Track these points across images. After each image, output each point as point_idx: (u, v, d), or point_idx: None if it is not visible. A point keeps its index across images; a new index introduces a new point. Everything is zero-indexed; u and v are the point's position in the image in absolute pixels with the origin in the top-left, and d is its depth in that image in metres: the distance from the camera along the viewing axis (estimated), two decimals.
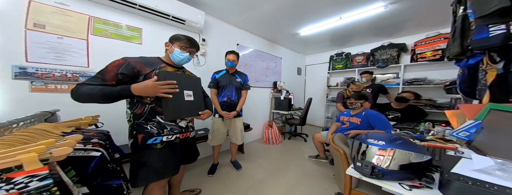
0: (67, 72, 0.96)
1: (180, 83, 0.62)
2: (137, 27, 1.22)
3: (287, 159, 1.74)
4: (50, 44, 0.91)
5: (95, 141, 0.53)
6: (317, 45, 2.83)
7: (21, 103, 0.83)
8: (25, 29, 0.84)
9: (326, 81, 3.05)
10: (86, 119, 0.67)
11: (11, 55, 0.81)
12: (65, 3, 0.94)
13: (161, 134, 0.65)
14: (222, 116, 1.29)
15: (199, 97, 0.73)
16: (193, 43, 0.71)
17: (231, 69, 1.34)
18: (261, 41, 2.38)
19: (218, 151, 1.43)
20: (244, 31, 2.11)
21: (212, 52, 1.74)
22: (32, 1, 0.85)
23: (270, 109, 2.59)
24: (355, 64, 2.67)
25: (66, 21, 0.95)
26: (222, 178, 1.32)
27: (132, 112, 0.63)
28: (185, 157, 0.77)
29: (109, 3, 1.04)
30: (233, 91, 1.33)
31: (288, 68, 3.00)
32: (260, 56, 2.39)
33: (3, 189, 0.29)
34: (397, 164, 0.52)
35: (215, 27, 1.75)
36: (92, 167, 0.45)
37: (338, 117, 1.45)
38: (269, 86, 2.58)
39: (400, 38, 2.27)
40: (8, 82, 0.81)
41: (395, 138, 0.59)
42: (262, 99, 2.48)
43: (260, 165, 1.57)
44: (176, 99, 0.61)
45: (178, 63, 0.72)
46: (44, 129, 0.48)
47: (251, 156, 1.79)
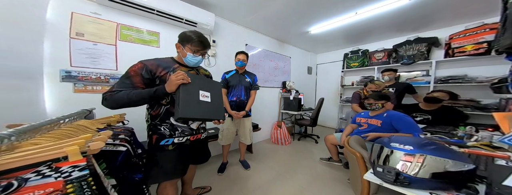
0: (100, 75, 1.08)
1: (196, 82, 0.61)
2: (155, 32, 1.32)
3: (296, 161, 1.69)
4: (87, 50, 1.04)
5: (122, 137, 0.57)
6: (329, 43, 2.70)
7: (66, 102, 0.96)
8: (69, 37, 0.97)
9: (339, 80, 2.88)
10: (115, 117, 0.75)
11: (59, 60, 0.95)
12: (98, 13, 1.06)
13: (173, 135, 0.66)
14: (231, 116, 1.31)
15: (218, 101, 0.68)
16: (204, 45, 0.68)
17: (240, 69, 1.36)
18: (269, 41, 2.36)
19: (227, 150, 1.46)
20: (253, 31, 2.12)
21: (222, 53, 1.76)
22: (74, 12, 0.99)
23: (279, 109, 2.55)
24: (374, 61, 2.46)
25: (99, 29, 1.07)
26: (231, 177, 1.33)
27: (149, 112, 0.66)
28: (196, 157, 0.79)
29: (132, 10, 1.15)
30: (243, 91, 1.34)
31: (297, 67, 2.93)
32: (269, 56, 2.37)
33: (52, 177, 0.33)
34: (428, 172, 0.46)
35: (225, 29, 1.79)
36: (119, 160, 0.49)
37: (354, 118, 1.34)
38: (278, 86, 2.55)
39: (429, 32, 2.01)
40: (57, 84, 0.95)
41: (427, 142, 0.52)
42: (271, 99, 2.45)
43: (269, 166, 1.56)
44: (188, 95, 0.58)
45: (191, 65, 0.73)
46: (84, 125, 0.55)
47: (259, 156, 1.79)
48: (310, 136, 2.42)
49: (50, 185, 0.32)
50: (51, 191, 0.32)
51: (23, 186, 0.30)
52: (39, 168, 0.32)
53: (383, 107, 1.18)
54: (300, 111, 2.32)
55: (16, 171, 0.30)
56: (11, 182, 0.29)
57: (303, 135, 2.46)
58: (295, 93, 2.42)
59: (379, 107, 1.17)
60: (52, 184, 0.32)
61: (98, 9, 1.05)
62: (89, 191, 0.35)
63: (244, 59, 1.32)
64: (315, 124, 2.25)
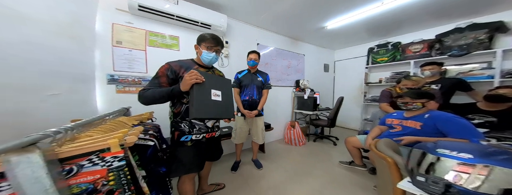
0: (134, 77, 1.22)
1: (208, 81, 0.62)
2: (176, 36, 1.44)
3: (311, 162, 1.60)
4: (125, 56, 1.18)
5: (151, 133, 0.61)
6: (349, 38, 2.46)
7: (111, 101, 1.12)
8: (111, 46, 1.13)
9: (363, 77, 2.58)
10: (146, 115, 0.85)
11: (105, 66, 1.11)
12: (131, 22, 1.19)
13: (191, 132, 0.70)
14: (244, 115, 1.32)
15: (228, 99, 0.70)
16: (217, 41, 0.73)
17: (252, 68, 1.36)
18: (281, 39, 2.30)
19: (240, 149, 1.49)
20: (264, 30, 2.10)
21: (234, 54, 1.78)
22: (114, 23, 1.13)
23: (292, 109, 2.46)
24: (409, 55, 2.10)
25: (132, 36, 1.20)
26: (244, 175, 1.35)
27: (172, 110, 0.71)
28: (210, 154, 0.83)
29: (156, 17, 1.24)
30: (255, 90, 1.35)
31: (312, 65, 2.77)
32: (281, 54, 2.31)
33: (99, 165, 0.38)
34: (496, 187, 0.36)
35: (237, 29, 1.81)
36: (148, 154, 0.55)
37: (383, 119, 1.18)
38: (291, 85, 2.46)
39: (488, 16, 1.59)
40: (104, 86, 1.11)
41: (495, 151, 0.41)
42: (284, 98, 2.38)
43: (282, 166, 1.52)
44: (201, 95, 0.60)
45: (208, 64, 0.77)
46: (123, 121, 0.65)
47: (272, 156, 1.76)
48: (327, 138, 2.27)
49: (98, 172, 0.38)
50: (98, 178, 0.38)
51: (80, 172, 0.37)
52: (91, 156, 0.39)
53: (423, 107, 0.98)
54: (315, 111, 2.19)
55: (75, 158, 0.38)
56: (72, 167, 0.36)
57: (320, 136, 2.32)
58: (310, 92, 2.28)
59: (418, 107, 0.98)
60: (99, 171, 0.39)
61: (131, 19, 1.20)
62: (125, 180, 0.41)
63: (255, 58, 1.31)
64: (334, 125, 2.09)
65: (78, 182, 0.36)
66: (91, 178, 0.37)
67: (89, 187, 0.37)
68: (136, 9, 1.13)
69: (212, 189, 1.08)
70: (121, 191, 0.40)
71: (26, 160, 0.30)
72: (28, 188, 0.29)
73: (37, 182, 0.30)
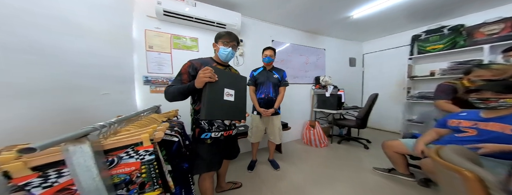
0: (163, 78, 1.34)
1: (221, 79, 0.59)
2: (195, 37, 1.52)
3: (336, 166, 1.45)
4: (155, 59, 1.30)
5: (176, 129, 0.65)
6: (382, 27, 2.08)
7: (146, 100, 1.24)
8: (145, 50, 1.27)
9: (405, 70, 2.12)
10: (172, 112, 0.94)
11: (141, 69, 1.24)
12: (159, 27, 1.30)
13: (210, 130, 0.72)
14: (260, 113, 1.29)
15: (241, 99, 0.66)
16: (232, 36, 0.74)
17: (268, 65, 1.32)
18: (298, 34, 2.14)
19: (256, 148, 1.47)
20: (279, 26, 2.00)
21: (249, 52, 1.76)
22: (146, 29, 1.26)
23: (312, 108, 2.28)
24: (480, 39, 1.59)
25: (161, 40, 1.31)
26: (261, 176, 1.33)
27: (193, 108, 0.73)
28: (228, 152, 0.84)
29: (178, 20, 1.31)
30: (271, 88, 1.29)
31: (334, 59, 2.50)
32: (298, 50, 2.15)
33: (134, 158, 0.42)
34: None
35: (251, 27, 1.78)
36: (173, 149, 0.59)
37: (444, 120, 0.92)
38: (309, 82, 2.28)
39: None
40: (141, 87, 1.25)
41: None
42: (301, 96, 2.23)
43: (300, 168, 1.43)
44: (213, 95, 0.57)
45: (224, 60, 0.77)
46: (154, 117, 0.73)
47: (289, 157, 1.69)
48: (356, 140, 2.00)
49: (133, 164, 0.42)
50: (133, 170, 0.42)
51: (119, 163, 0.41)
52: (128, 149, 0.43)
53: None
54: (340, 110, 1.96)
55: (116, 150, 0.42)
56: (113, 158, 0.41)
57: (346, 138, 2.07)
58: (333, 89, 2.03)
59: (507, 104, 0.70)
60: (134, 163, 0.42)
61: (158, 24, 1.33)
62: (154, 173, 0.44)
63: (271, 54, 1.26)
64: (364, 125, 1.81)
65: (118, 173, 0.41)
66: (128, 170, 0.41)
67: (126, 178, 0.41)
68: (161, 14, 1.23)
69: (230, 187, 1.10)
70: (151, 184, 0.43)
71: (80, 150, 0.34)
72: (82, 175, 0.34)
73: (88, 171, 0.34)
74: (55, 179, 0.34)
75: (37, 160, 0.32)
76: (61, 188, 0.34)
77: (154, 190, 0.43)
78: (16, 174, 0.30)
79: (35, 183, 0.31)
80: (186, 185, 0.65)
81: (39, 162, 0.33)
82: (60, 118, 0.55)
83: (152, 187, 0.43)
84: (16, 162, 0.30)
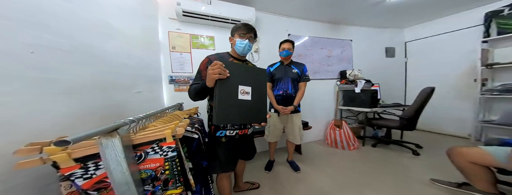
0: (185, 77, 1.41)
1: (235, 75, 0.49)
2: (211, 36, 1.54)
3: (371, 172, 1.24)
4: (178, 59, 1.37)
5: (196, 126, 0.66)
6: (430, 9, 1.65)
7: (172, 98, 1.32)
8: (169, 51, 1.35)
9: (477, 57, 1.60)
10: (193, 110, 0.97)
11: (167, 69, 1.33)
12: (180, 28, 1.37)
13: (225, 128, 0.70)
14: (278, 111, 1.21)
15: (260, 98, 0.54)
16: (249, 28, 0.70)
17: (286, 59, 1.22)
18: (318, 26, 1.94)
19: (274, 147, 1.40)
20: (296, 19, 1.85)
21: (264, 47, 1.70)
22: (170, 31, 1.34)
23: (336, 106, 2.02)
24: None
25: (182, 41, 1.39)
26: (279, 177, 1.26)
27: (209, 104, 0.72)
28: (243, 152, 0.80)
29: (196, 20, 1.35)
30: (289, 84, 1.20)
31: (365, 51, 2.18)
32: (318, 43, 1.96)
33: (158, 154, 0.42)
34: None
35: (265, 22, 1.72)
36: (194, 146, 0.59)
37: None
38: (333, 77, 2.05)
39: None
40: (167, 86, 1.33)
41: None
42: (323, 93, 2.03)
43: (325, 172, 1.29)
44: (225, 95, 0.47)
45: (241, 53, 0.72)
46: (177, 114, 0.76)
47: (310, 158, 1.55)
48: (399, 144, 1.66)
49: (158, 160, 0.42)
50: (158, 166, 0.42)
51: (146, 158, 0.42)
52: (153, 145, 0.44)
53: None
54: (375, 108, 1.67)
55: (143, 145, 0.43)
56: (141, 153, 0.42)
57: (384, 141, 1.75)
58: (365, 83, 1.75)
59: None
60: (158, 160, 0.42)
61: (179, 26, 1.40)
62: (176, 171, 0.43)
63: (289, 47, 1.17)
64: (413, 127, 1.47)
65: (145, 168, 0.41)
66: (153, 166, 0.42)
67: (152, 174, 0.41)
68: (181, 15, 1.28)
69: (247, 188, 1.08)
70: (173, 182, 0.42)
71: (111, 144, 0.35)
72: (113, 169, 0.35)
73: (118, 164, 0.35)
74: (94, 171, 0.36)
75: (78, 152, 0.35)
76: (98, 180, 0.36)
77: (176, 188, 0.43)
78: (62, 164, 0.33)
79: (78, 174, 0.34)
80: (206, 184, 0.65)
81: (80, 154, 0.35)
82: (100, 114, 0.62)
83: (175, 185, 0.43)
84: (62, 153, 0.33)
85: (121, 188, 0.35)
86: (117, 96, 0.76)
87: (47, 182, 0.39)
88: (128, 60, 0.88)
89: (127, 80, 0.85)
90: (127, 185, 0.35)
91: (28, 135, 0.37)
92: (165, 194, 0.42)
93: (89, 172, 0.35)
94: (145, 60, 1.10)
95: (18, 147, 0.32)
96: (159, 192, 0.41)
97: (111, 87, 0.72)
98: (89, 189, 0.34)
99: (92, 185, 0.35)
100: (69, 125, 0.49)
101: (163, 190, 0.42)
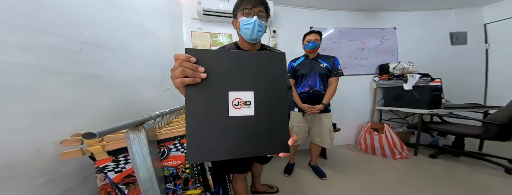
0: None
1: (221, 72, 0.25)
2: (229, 33, 1.54)
3: (429, 189, 0.96)
4: None
5: None
6: None
7: None
8: None
9: None
10: None
11: None
12: (201, 27, 1.42)
13: None
14: (302, 111, 1.07)
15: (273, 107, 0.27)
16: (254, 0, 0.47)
17: (311, 52, 1.08)
18: (347, 16, 1.69)
19: (296, 149, 1.29)
20: (318, 10, 1.65)
21: (283, 42, 1.62)
22: (192, 31, 1.41)
23: (374, 105, 1.70)
24: None
25: (202, 40, 1.47)
26: (300, 183, 1.14)
27: None
28: (256, 157, 0.74)
29: (215, 18, 1.38)
30: (317, 79, 1.06)
31: (416, 39, 1.75)
32: (347, 35, 1.71)
33: (180, 151, 0.41)
34: None
35: (284, 15, 1.61)
36: None
37: None
38: (368, 73, 1.73)
39: None
40: None
41: None
42: (355, 90, 1.73)
43: (358, 181, 1.09)
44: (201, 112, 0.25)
45: (250, 38, 0.50)
46: None
47: (337, 164, 1.35)
48: (481, 158, 1.21)
49: (179, 158, 0.41)
50: (179, 164, 0.40)
51: (169, 155, 0.41)
52: (175, 141, 0.42)
53: None
54: (437, 109, 1.28)
55: (166, 141, 0.43)
56: (164, 149, 0.41)
57: (452, 152, 1.34)
58: (420, 78, 1.36)
59: None
60: (180, 157, 0.41)
61: (200, 25, 1.45)
62: (196, 170, 0.40)
63: (316, 39, 1.03)
64: (507, 136, 1.04)
65: (168, 165, 0.40)
66: (175, 163, 0.40)
67: (173, 172, 0.40)
68: (202, 14, 1.32)
69: (265, 190, 1.02)
70: (193, 181, 0.40)
71: (137, 138, 0.35)
72: (139, 164, 0.35)
73: (144, 160, 0.35)
74: (123, 165, 0.37)
75: (111, 144, 0.36)
76: (127, 175, 0.36)
77: (196, 188, 0.40)
78: (98, 156, 0.35)
79: (110, 167, 0.35)
80: (223, 183, 0.63)
81: (112, 146, 0.36)
82: (134, 108, 0.69)
83: (195, 185, 0.40)
84: (97, 146, 0.34)
85: (145, 185, 0.34)
86: (149, 92, 0.82)
87: (88, 173, 0.43)
88: (159, 59, 0.95)
89: (157, 77, 0.92)
90: (150, 182, 0.35)
91: (76, 126, 0.42)
92: (186, 193, 0.40)
93: (120, 165, 0.36)
94: (171, 58, 1.18)
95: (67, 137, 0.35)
96: (180, 191, 0.40)
97: (144, 84, 0.78)
98: (119, 183, 0.35)
99: (122, 179, 0.36)
100: (111, 117, 0.54)
101: (183, 189, 0.40)
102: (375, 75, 1.71)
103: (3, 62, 0.30)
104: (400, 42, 1.77)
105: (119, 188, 0.35)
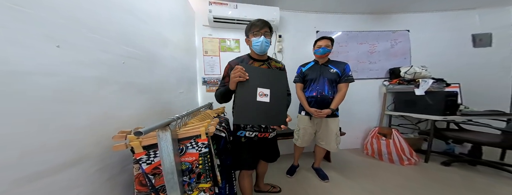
0: (214, 79, 1.54)
1: (254, 77, 0.52)
2: (237, 39, 1.61)
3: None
4: (209, 62, 1.53)
5: (223, 125, 0.72)
6: None
7: (204, 98, 1.47)
8: (203, 55, 1.53)
9: None
10: (220, 109, 1.06)
11: (201, 71, 1.48)
12: (211, 33, 1.50)
13: (245, 129, 0.71)
14: (309, 114, 1.10)
15: (279, 100, 0.55)
16: (261, 23, 0.67)
17: (322, 57, 1.10)
18: (355, 19, 1.66)
19: (300, 152, 1.31)
20: (325, 14, 1.65)
21: (289, 46, 1.65)
22: (203, 37, 1.50)
23: (383, 110, 1.65)
24: None
25: (212, 45, 1.54)
26: (303, 184, 1.17)
27: (233, 104, 0.77)
28: (265, 154, 0.80)
29: (224, 25, 1.45)
30: (326, 85, 1.08)
31: (431, 42, 1.68)
32: (355, 38, 1.68)
33: (195, 149, 0.48)
34: None
35: (290, 20, 1.65)
36: (221, 144, 0.62)
37: None
38: (377, 77, 1.69)
39: None
40: (201, 87, 1.48)
41: None
42: (363, 94, 1.70)
43: (361, 185, 1.10)
44: (244, 96, 0.52)
45: (260, 52, 0.70)
46: (208, 113, 0.86)
47: (341, 168, 1.35)
48: (502, 168, 1.15)
49: (194, 155, 0.48)
50: (194, 160, 0.48)
51: (186, 152, 0.49)
52: (191, 140, 0.50)
53: None
54: (453, 115, 1.22)
55: (184, 140, 0.51)
56: (183, 147, 0.49)
57: (468, 161, 1.28)
58: (433, 83, 1.31)
59: None
60: (194, 154, 0.48)
61: (210, 31, 1.55)
62: (207, 166, 0.47)
63: (327, 44, 1.06)
64: None
65: (185, 161, 0.48)
66: (190, 159, 0.48)
67: (189, 167, 0.48)
68: (212, 21, 1.41)
69: (268, 190, 1.07)
70: (205, 176, 0.47)
71: (165, 136, 0.43)
72: (165, 159, 0.43)
73: (168, 156, 0.43)
74: (153, 158, 0.45)
75: (146, 140, 0.45)
76: (155, 166, 0.45)
77: (206, 182, 0.47)
78: (136, 150, 0.44)
79: (143, 159, 0.44)
80: (229, 180, 0.69)
81: (146, 142, 0.45)
82: (157, 109, 0.79)
83: (206, 179, 0.47)
84: (136, 141, 0.43)
85: (168, 176, 0.43)
86: (167, 95, 0.92)
87: (125, 163, 0.53)
88: (175, 64, 1.04)
89: (174, 81, 1.02)
90: (172, 174, 0.43)
91: (121, 124, 0.52)
92: (198, 186, 0.47)
93: (150, 158, 0.45)
94: (186, 64, 1.28)
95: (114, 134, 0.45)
96: (194, 184, 0.47)
97: (164, 88, 0.88)
98: (149, 173, 0.44)
99: (151, 170, 0.44)
100: (140, 117, 0.64)
101: (196, 183, 0.47)
102: (384, 79, 1.66)
103: (79, 76, 0.40)
104: (414, 45, 1.68)
105: (149, 177, 0.44)
